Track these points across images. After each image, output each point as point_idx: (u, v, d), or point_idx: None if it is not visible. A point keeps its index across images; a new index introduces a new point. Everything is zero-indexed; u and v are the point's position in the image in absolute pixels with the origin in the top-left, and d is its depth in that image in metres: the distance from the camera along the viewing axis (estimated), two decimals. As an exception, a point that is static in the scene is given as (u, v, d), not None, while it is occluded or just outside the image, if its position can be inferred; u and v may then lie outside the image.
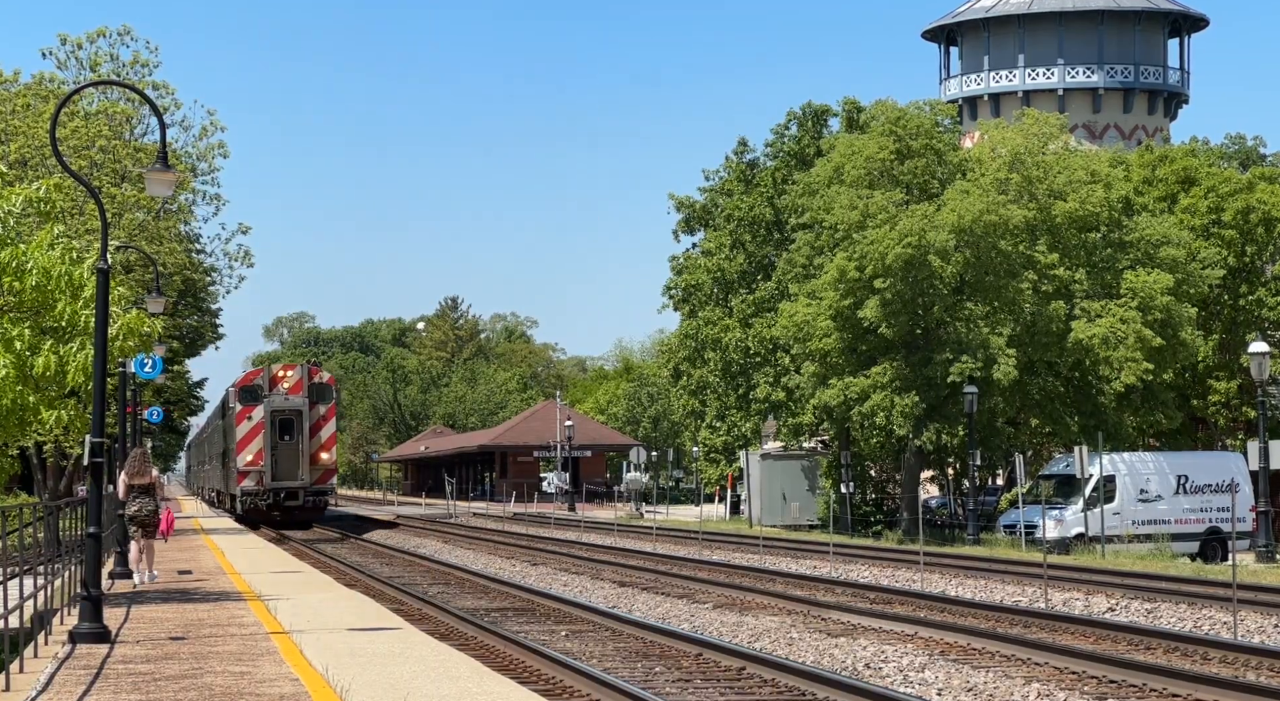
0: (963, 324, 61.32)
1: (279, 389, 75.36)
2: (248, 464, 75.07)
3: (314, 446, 75.67)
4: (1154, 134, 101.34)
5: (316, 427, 75.74)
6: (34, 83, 57.55)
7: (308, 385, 75.96)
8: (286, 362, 78.88)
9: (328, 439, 76.34)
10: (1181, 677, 21.14)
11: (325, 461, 76.28)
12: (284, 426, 75.27)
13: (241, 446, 75.35)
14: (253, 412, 75.09)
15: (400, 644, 22.35)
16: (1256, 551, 51.73)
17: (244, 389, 75.98)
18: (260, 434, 74.97)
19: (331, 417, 76.61)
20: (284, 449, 75.32)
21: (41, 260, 25.48)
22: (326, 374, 79.13)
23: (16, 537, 22.26)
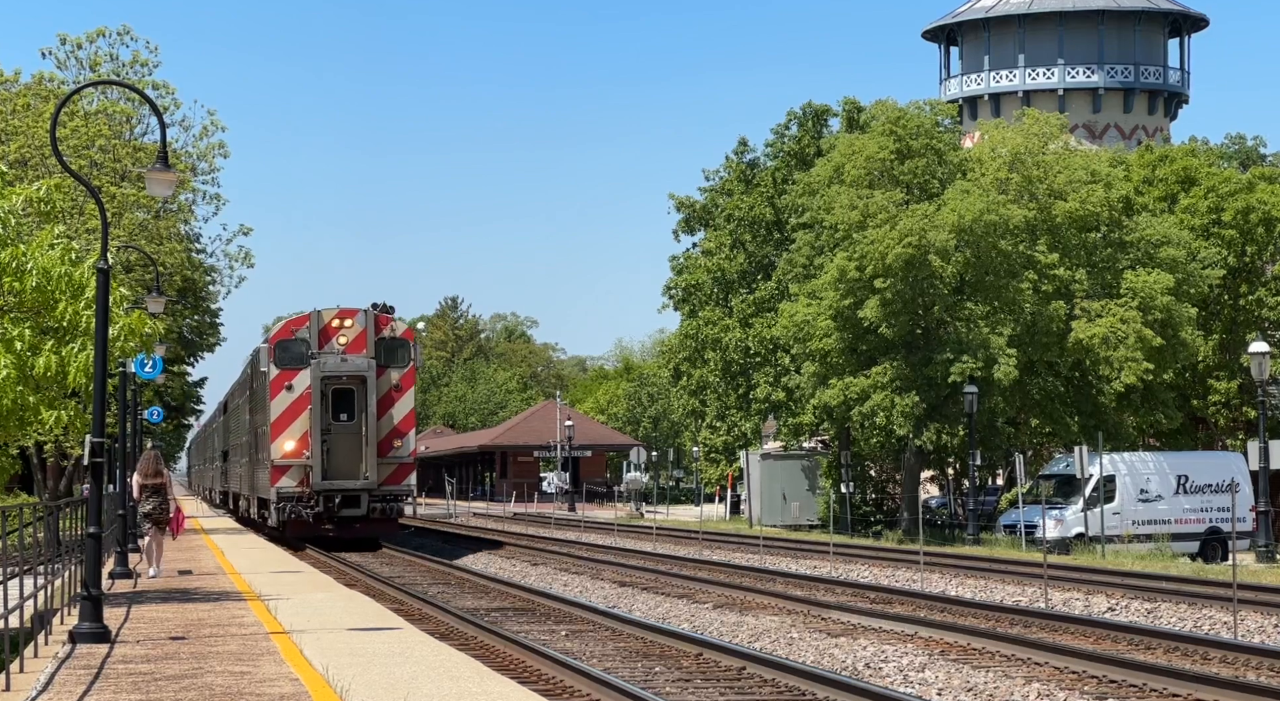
0: (963, 324, 61.33)
1: (333, 345, 54.64)
2: (287, 455, 54.05)
3: (384, 429, 54.55)
4: (1154, 134, 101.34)
5: (387, 402, 54.75)
6: (34, 83, 57.49)
7: (374, 340, 54.90)
8: (344, 307, 55.39)
9: (404, 419, 55.13)
10: (1182, 677, 21.14)
11: (400, 451, 54.80)
12: (340, 400, 54.68)
13: (278, 429, 54.28)
14: (294, 380, 54.34)
15: (400, 644, 22.35)
16: (1256, 551, 51.72)
17: (282, 345, 55.05)
18: (305, 411, 54.03)
19: (409, 388, 55.51)
20: (340, 434, 54.61)
21: (42, 261, 25.48)
22: (401, 324, 56.25)
23: (16, 537, 22.26)
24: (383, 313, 55.62)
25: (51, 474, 59.71)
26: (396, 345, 55.52)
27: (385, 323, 55.53)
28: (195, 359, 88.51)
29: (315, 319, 54.86)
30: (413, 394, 55.34)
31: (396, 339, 55.57)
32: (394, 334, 55.54)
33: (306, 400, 54.08)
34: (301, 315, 55.78)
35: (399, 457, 54.78)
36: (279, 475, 54.33)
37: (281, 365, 54.63)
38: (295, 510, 54.02)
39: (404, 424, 55.06)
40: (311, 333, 54.70)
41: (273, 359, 54.86)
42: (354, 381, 54.49)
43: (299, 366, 54.28)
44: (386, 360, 55.04)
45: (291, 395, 54.25)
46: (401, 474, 55.13)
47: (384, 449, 54.53)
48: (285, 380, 54.42)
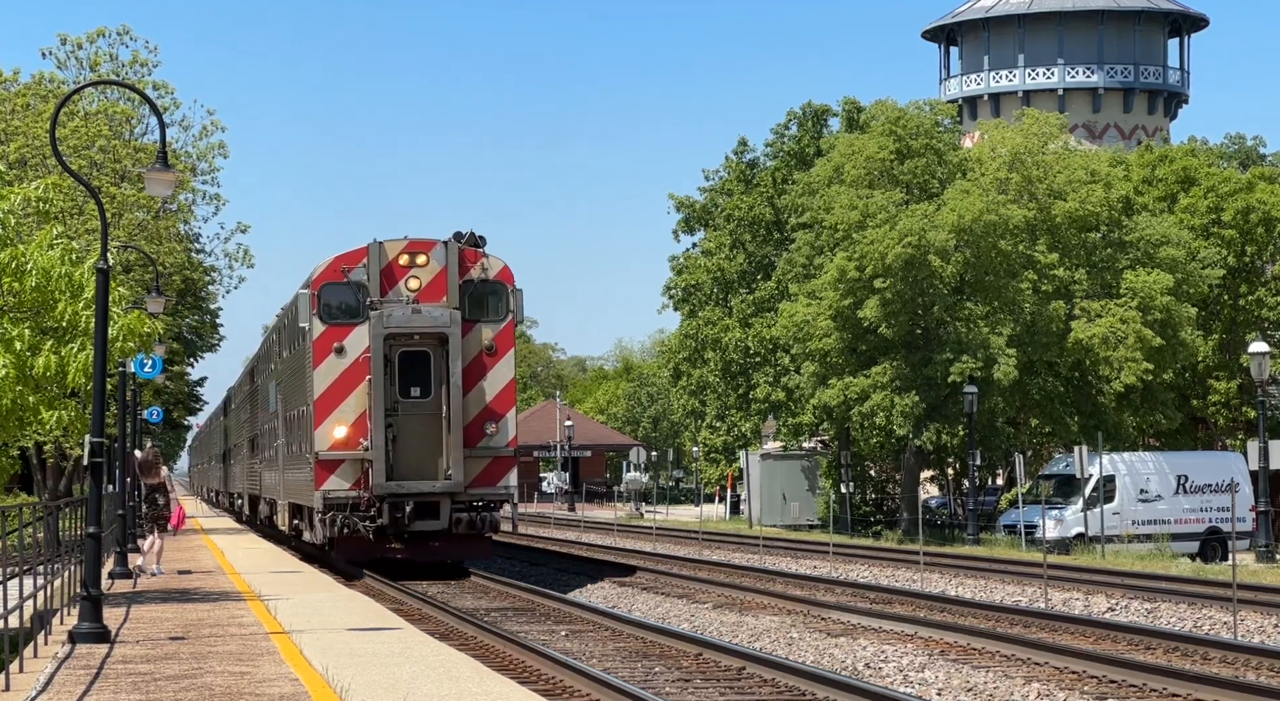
0: (963, 324, 61.34)
1: (401, 291, 40.39)
2: (337, 444, 39.98)
3: (472, 408, 40.24)
4: (1154, 134, 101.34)
5: (477, 370, 40.50)
6: (34, 83, 57.46)
7: (458, 283, 40.58)
8: (416, 238, 41.54)
9: (500, 393, 40.68)
10: (1181, 677, 21.13)
11: (495, 438, 40.47)
12: (411, 368, 40.37)
13: (324, 409, 40.26)
14: (346, 339, 40.28)
15: (400, 644, 22.35)
16: (1256, 551, 51.72)
17: (329, 292, 40.72)
18: (362, 384, 40.00)
19: (507, 350, 41.00)
20: (412, 415, 40.31)
21: (41, 261, 25.48)
22: (496, 261, 41.36)
23: (16, 537, 22.26)
24: (470, 245, 40.66)
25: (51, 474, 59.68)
26: (489, 290, 40.76)
27: (474, 259, 40.67)
28: (195, 359, 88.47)
29: (375, 254, 40.08)
30: (512, 359, 40.72)
31: (489, 282, 40.69)
32: (485, 275, 40.64)
33: (364, 368, 39.67)
34: (356, 249, 40.56)
35: (494, 448, 40.08)
36: (325, 473, 39.81)
37: (328, 319, 40.09)
38: (348, 522, 39.30)
39: (500, 400, 40.30)
40: (370, 273, 40.04)
41: (316, 310, 40.02)
42: (430, 341, 39.87)
43: (353, 321, 40.00)
44: (475, 311, 40.60)
45: (342, 361, 39.84)
46: (497, 471, 40.25)
47: (473, 436, 39.82)
48: (334, 340, 39.97)
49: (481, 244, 41.04)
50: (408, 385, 40.19)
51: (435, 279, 40.45)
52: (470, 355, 40.29)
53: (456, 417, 39.57)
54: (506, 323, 40.98)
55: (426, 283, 40.39)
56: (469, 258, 40.86)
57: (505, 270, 41.15)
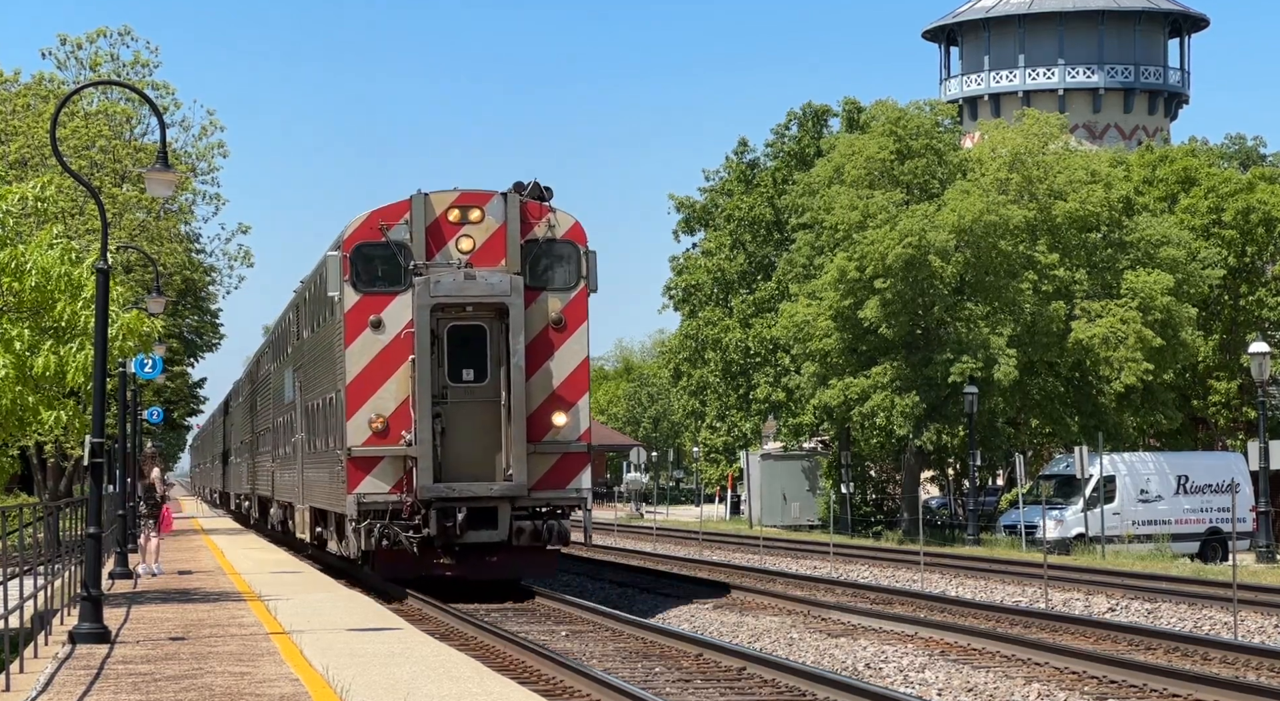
0: (963, 324, 61.35)
1: (450, 252, 34.31)
2: (374, 438, 33.86)
3: (537, 395, 34.08)
4: (1154, 134, 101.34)
5: (543, 348, 34.41)
6: (34, 83, 57.51)
7: (519, 244, 34.40)
8: (468, 189, 34.92)
9: (570, 376, 34.53)
10: (1182, 678, 21.13)
11: (564, 431, 34.23)
12: (464, 346, 34.25)
13: (359, 394, 34.09)
14: (385, 311, 34.21)
15: (400, 644, 22.34)
16: (1256, 551, 51.72)
17: (364, 253, 34.44)
18: (404, 364, 33.91)
19: (579, 325, 34.67)
20: (464, 403, 34.14)
21: (41, 260, 25.50)
22: (565, 217, 35.08)
23: (16, 537, 22.26)
24: (533, 198, 34.62)
25: (51, 474, 59.71)
26: (557, 252, 34.59)
27: (538, 215, 34.54)
28: (195, 359, 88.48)
29: (420, 208, 34.10)
30: (585, 335, 34.57)
31: (557, 242, 34.56)
32: (553, 234, 34.55)
33: (406, 346, 33.65)
34: (396, 203, 34.49)
35: (562, 442, 33.93)
36: (360, 473, 33.68)
37: (363, 286, 34.06)
38: (388, 532, 33.18)
39: (571, 385, 34.27)
40: (414, 230, 34.03)
41: (348, 275, 33.99)
42: (486, 313, 33.80)
43: (393, 288, 33.99)
44: (541, 276, 34.39)
45: (380, 338, 33.87)
46: (566, 470, 34.05)
47: (538, 427, 33.73)
48: (369, 312, 33.92)
49: (547, 196, 34.78)
50: (459, 366, 34.00)
51: (492, 238, 34.16)
52: (534, 330, 34.04)
53: (518, 406, 33.21)
54: (578, 291, 34.48)
55: (481, 243, 34.11)
56: (532, 212, 34.52)
57: (576, 227, 34.76)
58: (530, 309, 33.93)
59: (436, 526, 33.21)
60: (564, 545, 34.62)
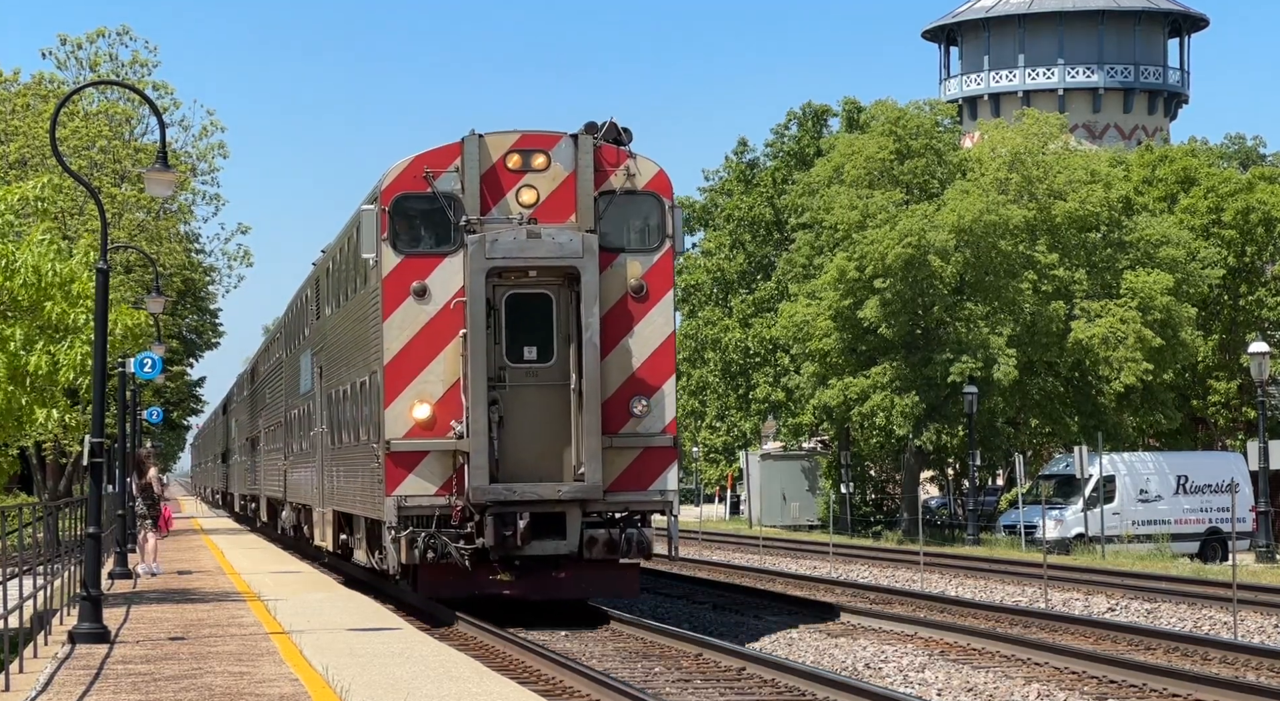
0: (963, 324, 61.36)
1: (508, 205, 29.15)
2: (418, 429, 28.76)
3: (614, 377, 29.07)
4: (1154, 134, 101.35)
5: (620, 321, 29.27)
6: (34, 83, 57.52)
7: (592, 197, 29.25)
8: (529, 131, 29.45)
9: (654, 355, 29.36)
10: (1181, 677, 21.13)
11: (646, 421, 29.15)
12: (525, 319, 29.10)
13: (400, 377, 28.99)
14: (430, 277, 29.08)
15: (400, 643, 22.34)
16: (1256, 551, 51.73)
17: (406, 205, 29.34)
18: (453, 341, 28.90)
19: (663, 293, 29.45)
20: (525, 388, 29.00)
21: (30, 258, 25.48)
22: (648, 163, 29.82)
23: (16, 537, 22.27)
24: (610, 141, 29.54)
25: (51, 474, 59.70)
26: (638, 206, 29.50)
27: (615, 161, 29.36)
28: (195, 359, 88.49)
29: (473, 152, 28.88)
30: (670, 307, 29.47)
31: (638, 194, 29.45)
32: (632, 184, 29.41)
33: (456, 318, 28.62)
34: (445, 146, 29.33)
35: (644, 435, 28.81)
36: (400, 472, 28.53)
37: (405, 246, 28.97)
38: (435, 542, 28.03)
39: (654, 366, 29.09)
40: (466, 180, 28.82)
41: (386, 234, 28.83)
42: (553, 279, 28.68)
43: (441, 249, 28.91)
44: (618, 236, 29.29)
45: (425, 308, 28.76)
46: (649, 468, 28.87)
47: (614, 417, 28.63)
48: (412, 277, 28.79)
49: (626, 139, 29.56)
50: (520, 343, 28.75)
51: (559, 189, 28.99)
52: (611, 299, 28.85)
53: (591, 390, 28.13)
54: (662, 253, 29.28)
55: (547, 194, 28.94)
56: (608, 158, 29.26)
57: (660, 176, 29.51)
58: (605, 274, 28.73)
59: (493, 535, 27.87)
60: (645, 558, 29.39)
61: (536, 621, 28.83)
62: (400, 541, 28.14)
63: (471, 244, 28.19)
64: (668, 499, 28.81)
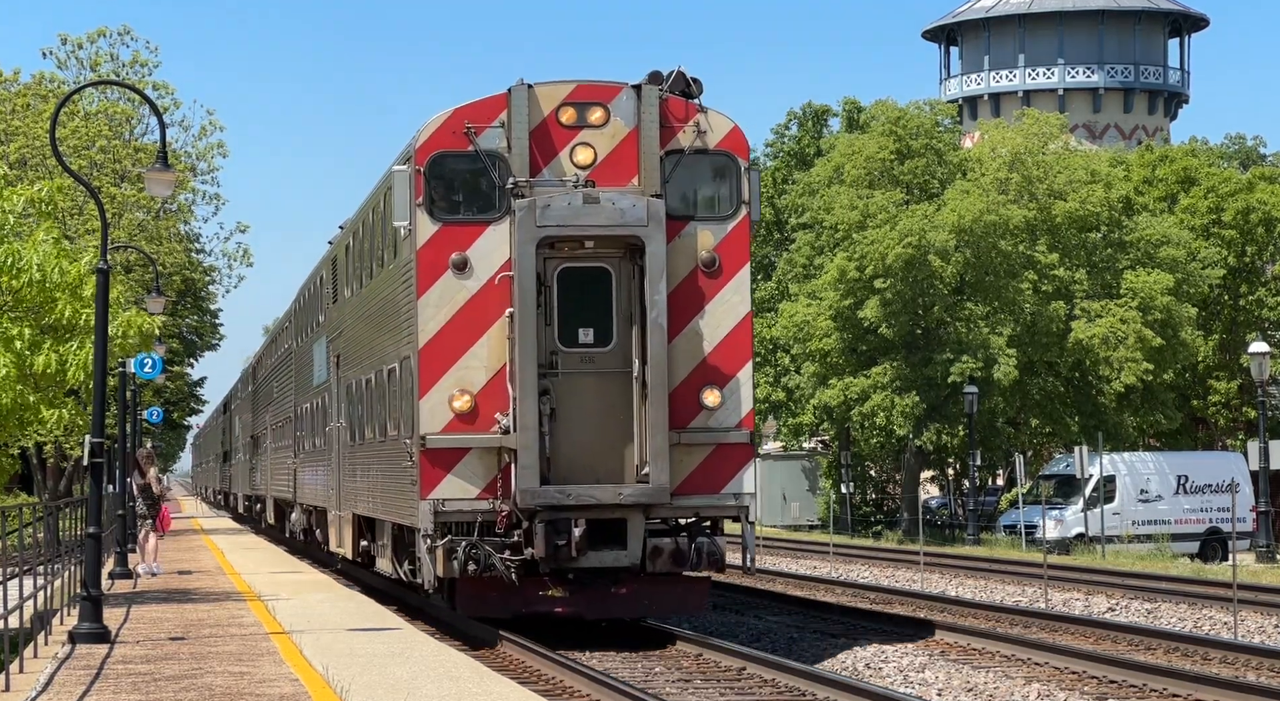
0: (963, 324, 61.38)
1: (561, 165, 25.49)
2: (455, 424, 25.11)
3: (681, 364, 25.32)
4: (1154, 134, 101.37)
5: (689, 299, 25.55)
6: (34, 83, 57.53)
7: (658, 156, 25.47)
8: (585, 81, 25.74)
9: (728, 339, 25.64)
10: (1182, 677, 21.13)
11: (719, 414, 25.47)
12: (580, 296, 25.35)
13: (434, 364, 25.28)
14: (472, 248, 25.36)
15: (400, 644, 22.34)
16: (1256, 551, 51.74)
17: (444, 165, 25.58)
18: (497, 324, 25.22)
19: (738, 267, 25.82)
20: (579, 376, 25.29)
21: (35, 257, 25.51)
22: (721, 118, 26.00)
23: (16, 537, 22.28)
24: (678, 93, 25.94)
25: (51, 474, 59.72)
26: (711, 167, 26.09)
27: (684, 116, 25.83)
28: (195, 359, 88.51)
29: (521, 104, 25.34)
30: (746, 282, 26.09)
31: (710, 153, 25.92)
32: (703, 142, 25.82)
33: (501, 295, 25.17)
34: (489, 97, 25.72)
35: (717, 429, 25.47)
36: (437, 471, 25.09)
37: (443, 213, 25.50)
38: (477, 553, 24.69)
39: (728, 350, 25.66)
40: (513, 136, 25.33)
41: (421, 198, 25.36)
42: (612, 251, 25.27)
43: (484, 217, 25.44)
44: (687, 202, 25.90)
45: (466, 284, 25.29)
46: (722, 468, 25.56)
47: (683, 409, 25.24)
48: (451, 249, 25.31)
49: (696, 91, 26.00)
50: (574, 324, 25.25)
51: (620, 147, 25.52)
52: (679, 274, 25.39)
53: (657, 379, 24.66)
54: (737, 221, 25.91)
55: (606, 154, 25.48)
56: (675, 112, 25.75)
57: (735, 134, 26.00)
58: (673, 245, 25.22)
59: (544, 545, 24.43)
60: (717, 571, 26.03)
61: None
62: (438, 551, 24.77)
63: (519, 210, 24.70)
64: (743, 503, 25.62)
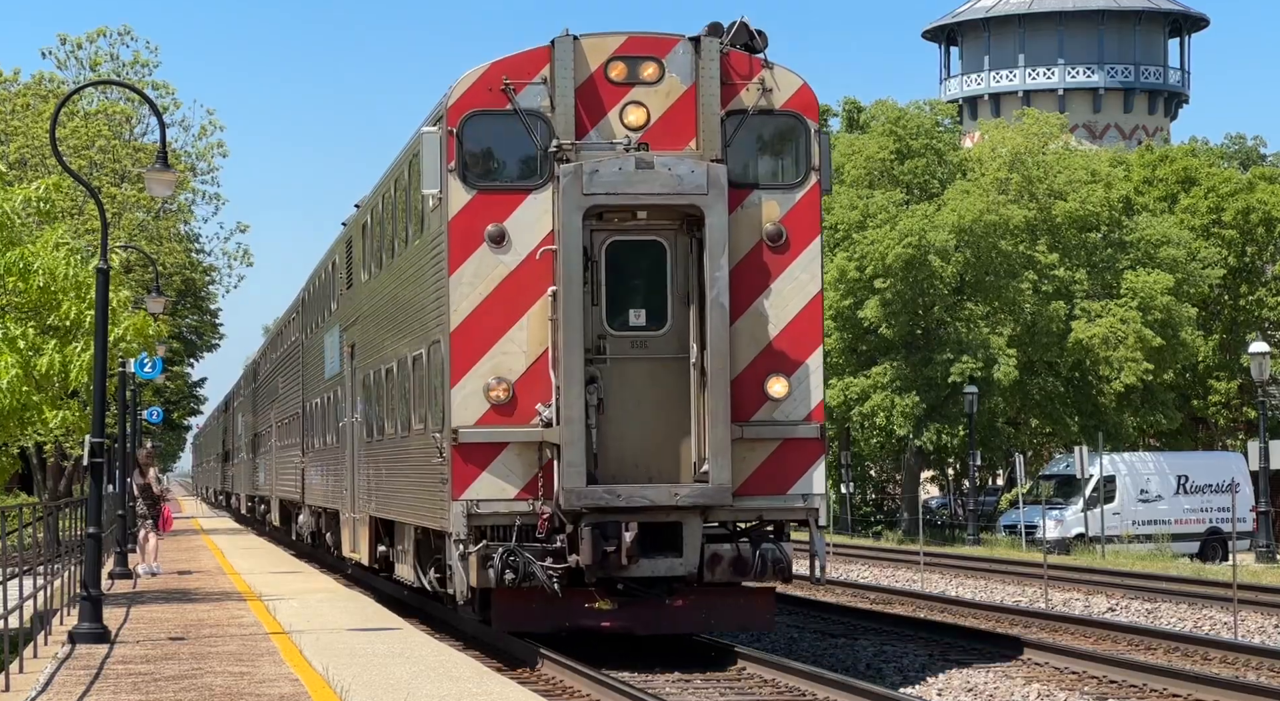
0: (963, 324, 61.39)
1: (610, 126, 22.69)
2: (491, 415, 22.31)
3: (744, 349, 22.76)
4: (1154, 134, 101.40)
5: (752, 276, 23.06)
6: (34, 82, 57.54)
7: (718, 117, 22.72)
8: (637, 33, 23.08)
9: (796, 320, 23.45)
10: (1182, 677, 21.13)
11: (784, 404, 22.88)
12: (631, 273, 22.84)
13: (468, 348, 22.46)
14: (510, 219, 22.47)
15: (400, 644, 22.33)
16: (1256, 551, 51.75)
17: (479, 125, 22.64)
18: (538, 304, 22.44)
19: (808, 241, 23.90)
20: (632, 360, 22.64)
21: (48, 260, 25.55)
22: (789, 75, 23.23)
23: (16, 537, 22.27)
24: (740, 47, 23.41)
25: (51, 474, 59.69)
26: (776, 130, 23.52)
27: (747, 72, 23.20)
28: (195, 359, 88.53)
29: (566, 58, 22.73)
30: (817, 257, 24.17)
31: (776, 114, 23.28)
32: (768, 101, 23.16)
33: (543, 272, 22.51)
34: (529, 50, 23.10)
35: (784, 423, 22.93)
36: (471, 467, 22.37)
37: (477, 179, 22.74)
38: (516, 560, 22.05)
39: (796, 334, 23.45)
40: (557, 93, 22.65)
41: (453, 161, 22.60)
42: (667, 222, 22.79)
43: (523, 184, 22.70)
44: (750, 168, 23.35)
45: (503, 259, 22.57)
46: (790, 464, 23.02)
47: (747, 399, 22.71)
48: (486, 218, 22.57)
49: (760, 44, 23.45)
50: (625, 304, 22.72)
51: (676, 107, 22.86)
52: (742, 249, 22.94)
53: (718, 365, 22.12)
54: (807, 190, 23.70)
55: (660, 113, 22.82)
56: (738, 68, 23.09)
57: (804, 92, 23.33)
58: (735, 216, 22.68)
59: (590, 551, 21.81)
60: (783, 581, 23.53)
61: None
62: (470, 559, 22.12)
63: (564, 176, 22.06)
64: (812, 505, 23.22)
